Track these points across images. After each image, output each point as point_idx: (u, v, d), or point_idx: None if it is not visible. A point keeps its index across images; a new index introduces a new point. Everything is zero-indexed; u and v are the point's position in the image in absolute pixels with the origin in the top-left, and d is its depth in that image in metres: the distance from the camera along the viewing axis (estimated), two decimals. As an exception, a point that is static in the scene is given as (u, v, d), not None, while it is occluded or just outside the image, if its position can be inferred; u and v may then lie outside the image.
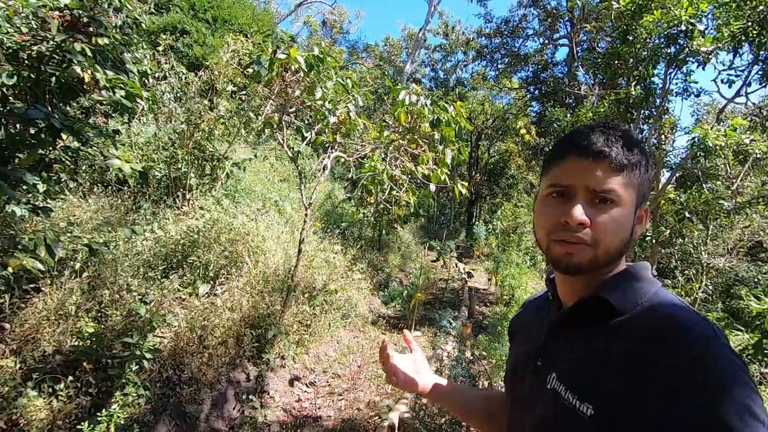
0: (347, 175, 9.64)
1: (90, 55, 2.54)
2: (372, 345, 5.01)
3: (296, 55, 3.32)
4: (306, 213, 4.03)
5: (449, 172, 4.01)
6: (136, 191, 4.75)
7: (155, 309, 3.36)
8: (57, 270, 3.16)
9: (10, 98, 2.51)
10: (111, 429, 2.46)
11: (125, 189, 4.68)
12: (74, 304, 3.06)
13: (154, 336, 3.22)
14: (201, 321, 3.53)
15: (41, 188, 2.63)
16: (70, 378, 2.67)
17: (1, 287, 2.77)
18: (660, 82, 5.74)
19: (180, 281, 3.79)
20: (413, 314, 5.88)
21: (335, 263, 5.53)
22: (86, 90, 2.78)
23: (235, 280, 4.09)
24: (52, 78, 2.64)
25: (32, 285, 3.03)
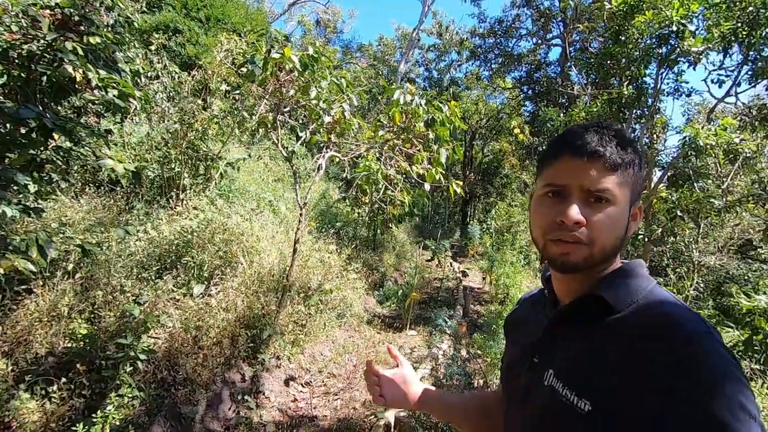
0: (342, 175, 9.62)
1: (81, 54, 2.52)
2: (367, 345, 5.01)
3: (290, 55, 3.32)
4: (301, 213, 4.02)
5: (444, 172, 4.02)
6: (129, 191, 4.71)
7: (149, 310, 3.33)
8: (49, 271, 3.13)
9: (1, 98, 2.48)
10: (106, 430, 2.44)
11: (118, 189, 4.64)
12: (67, 306, 3.03)
13: (149, 337, 3.20)
14: (195, 321, 3.51)
15: (32, 189, 2.60)
16: (63, 380, 2.64)
17: (-8, 289, 2.74)
18: (652, 82, 5.80)
19: (174, 282, 3.77)
20: (408, 313, 5.89)
21: (330, 263, 5.53)
22: (78, 89, 2.75)
23: (230, 281, 4.07)
24: (43, 77, 2.62)
25: (24, 286, 3.00)
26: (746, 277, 8.30)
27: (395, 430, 3.11)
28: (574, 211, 0.64)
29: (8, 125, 2.35)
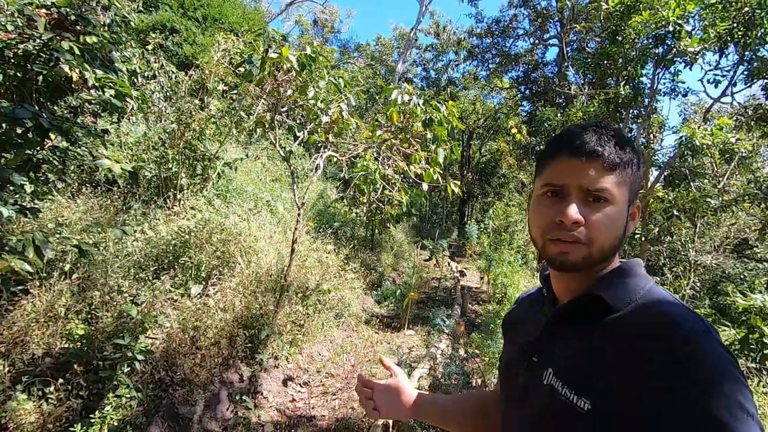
0: (339, 175, 9.63)
1: (78, 54, 2.51)
2: (365, 344, 5.02)
3: (288, 54, 3.31)
4: (299, 213, 4.02)
5: (442, 171, 4.03)
6: (126, 191, 4.69)
7: (147, 310, 3.32)
8: (46, 271, 3.11)
9: (-3, 97, 2.47)
10: (104, 431, 2.43)
11: (115, 189, 4.62)
12: (64, 306, 3.02)
13: (146, 337, 3.19)
14: (193, 322, 3.50)
15: (29, 189, 2.59)
16: (61, 380, 2.63)
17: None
18: (648, 82, 5.83)
19: (171, 282, 3.76)
20: (406, 313, 5.90)
21: (328, 263, 5.52)
22: (74, 89, 2.74)
23: (228, 281, 4.06)
24: (39, 77, 2.60)
25: (20, 287, 2.98)
26: (742, 276, 8.34)
27: (393, 430, 3.11)
28: (573, 211, 0.64)
29: (4, 125, 2.33)
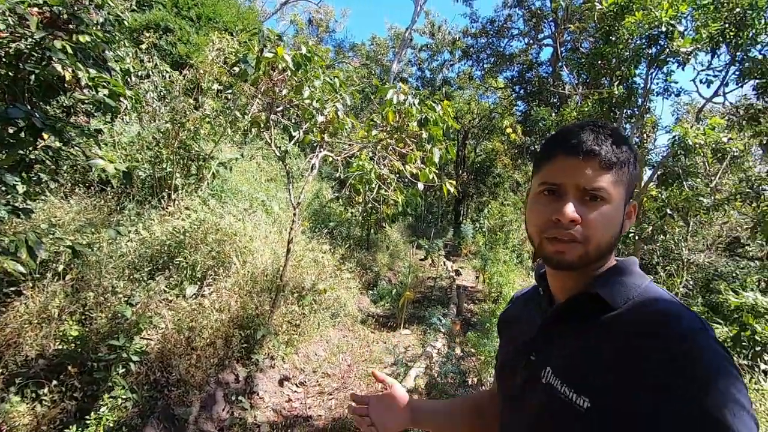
0: (335, 175, 9.61)
1: (71, 53, 2.49)
2: (362, 344, 5.02)
3: (283, 54, 3.30)
4: (294, 212, 4.01)
5: (437, 171, 4.03)
6: (120, 192, 4.66)
7: (141, 311, 3.30)
8: (39, 272, 3.09)
9: (-12, 97, 2.44)
10: (98, 433, 2.42)
11: (108, 190, 4.59)
12: (57, 307, 2.99)
13: (141, 338, 3.17)
14: (189, 322, 3.48)
15: (21, 189, 2.57)
16: (54, 382, 2.61)
17: (-19, 291, 2.70)
18: (642, 82, 5.86)
19: (166, 282, 3.74)
20: (402, 312, 5.90)
21: (324, 263, 5.52)
22: (67, 88, 2.72)
23: (223, 281, 4.05)
24: (32, 76, 2.58)
25: (13, 288, 2.96)
26: (734, 275, 8.41)
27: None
28: (570, 210, 0.64)
29: (-4, 125, 2.31)
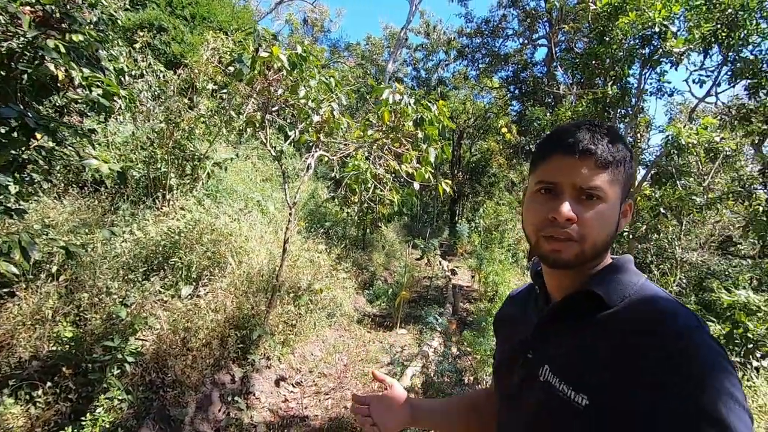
0: (331, 174, 9.60)
1: (64, 52, 2.47)
2: (358, 344, 5.01)
3: (279, 54, 3.30)
4: (290, 212, 4.00)
5: (433, 171, 4.04)
6: (114, 192, 4.63)
7: (136, 311, 3.29)
8: (32, 273, 3.06)
9: (-20, 96, 2.42)
10: (93, 434, 2.40)
11: (102, 190, 4.56)
12: (51, 309, 2.97)
13: (136, 339, 3.15)
14: (184, 323, 3.47)
15: (13, 189, 2.55)
16: (49, 384, 2.59)
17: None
18: (635, 82, 5.91)
19: (161, 283, 3.72)
20: (398, 312, 5.91)
21: (320, 263, 5.51)
22: (60, 88, 2.70)
23: (219, 281, 4.03)
24: (24, 75, 2.56)
25: (6, 289, 2.93)
26: (726, 273, 8.49)
27: (386, 428, 3.12)
28: (566, 208, 0.64)
29: (-12, 125, 2.29)
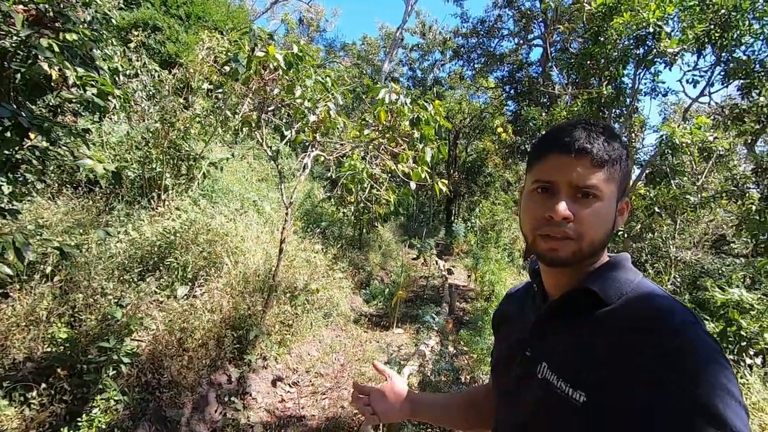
0: (327, 174, 9.59)
1: (57, 51, 2.45)
2: (354, 343, 5.01)
3: (275, 53, 3.29)
4: (286, 212, 3.99)
5: (429, 171, 4.05)
6: (109, 192, 4.60)
7: (132, 312, 3.27)
8: (26, 274, 3.04)
9: (-27, 96, 2.40)
10: (88, 436, 2.39)
11: (96, 190, 4.53)
12: (46, 310, 2.95)
13: (132, 340, 3.14)
14: (180, 323, 3.45)
15: (7, 190, 2.53)
16: (43, 385, 2.57)
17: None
18: (630, 82, 5.95)
19: (157, 283, 3.70)
20: (395, 312, 5.91)
21: (316, 263, 5.50)
22: (54, 87, 2.68)
23: (215, 281, 4.02)
24: (17, 75, 2.54)
25: (0, 290, 2.90)
26: (720, 272, 8.54)
27: (384, 428, 3.12)
28: (562, 207, 0.65)
29: (-19, 124, 2.27)
